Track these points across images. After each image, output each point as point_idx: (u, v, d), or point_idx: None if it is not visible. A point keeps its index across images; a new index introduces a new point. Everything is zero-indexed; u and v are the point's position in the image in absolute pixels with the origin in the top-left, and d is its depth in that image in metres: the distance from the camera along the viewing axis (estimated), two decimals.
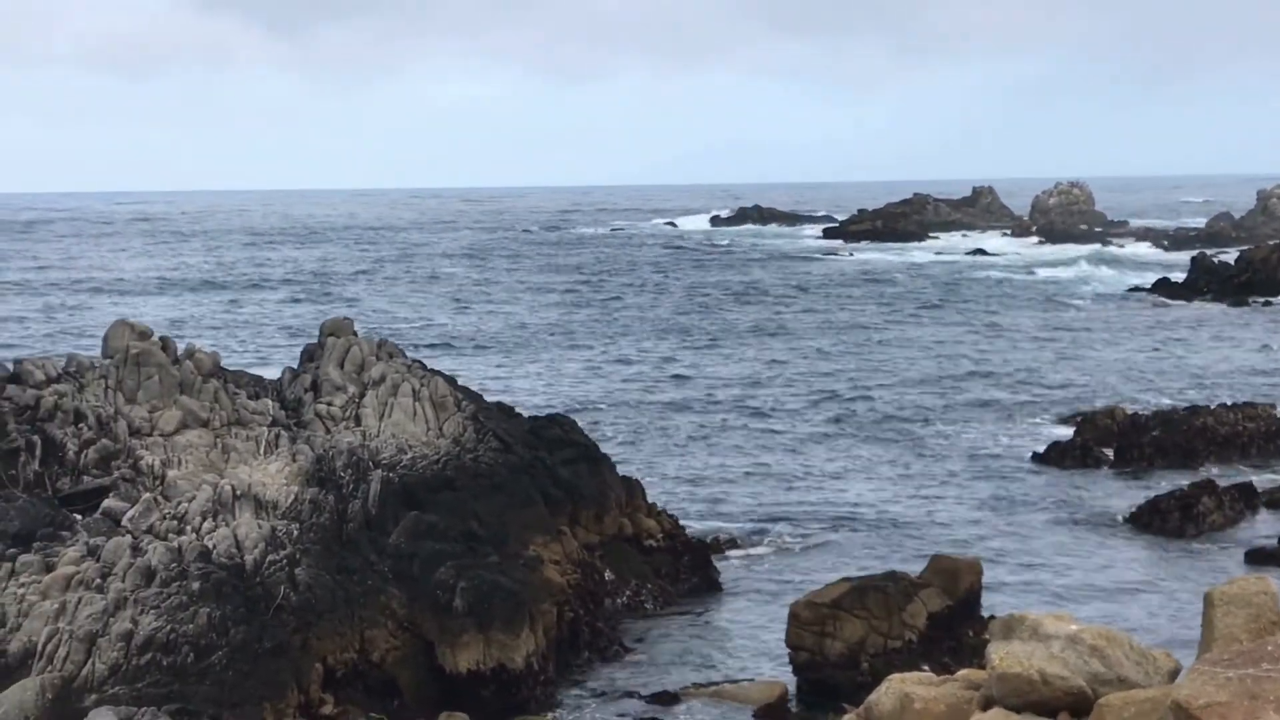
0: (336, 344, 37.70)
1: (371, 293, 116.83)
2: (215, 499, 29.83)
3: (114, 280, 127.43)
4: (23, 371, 33.45)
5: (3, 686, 23.71)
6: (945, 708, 11.55)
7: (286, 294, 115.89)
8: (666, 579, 37.30)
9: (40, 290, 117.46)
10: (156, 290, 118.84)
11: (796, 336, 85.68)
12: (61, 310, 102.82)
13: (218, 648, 25.48)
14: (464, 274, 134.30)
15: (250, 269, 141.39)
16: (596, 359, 77.26)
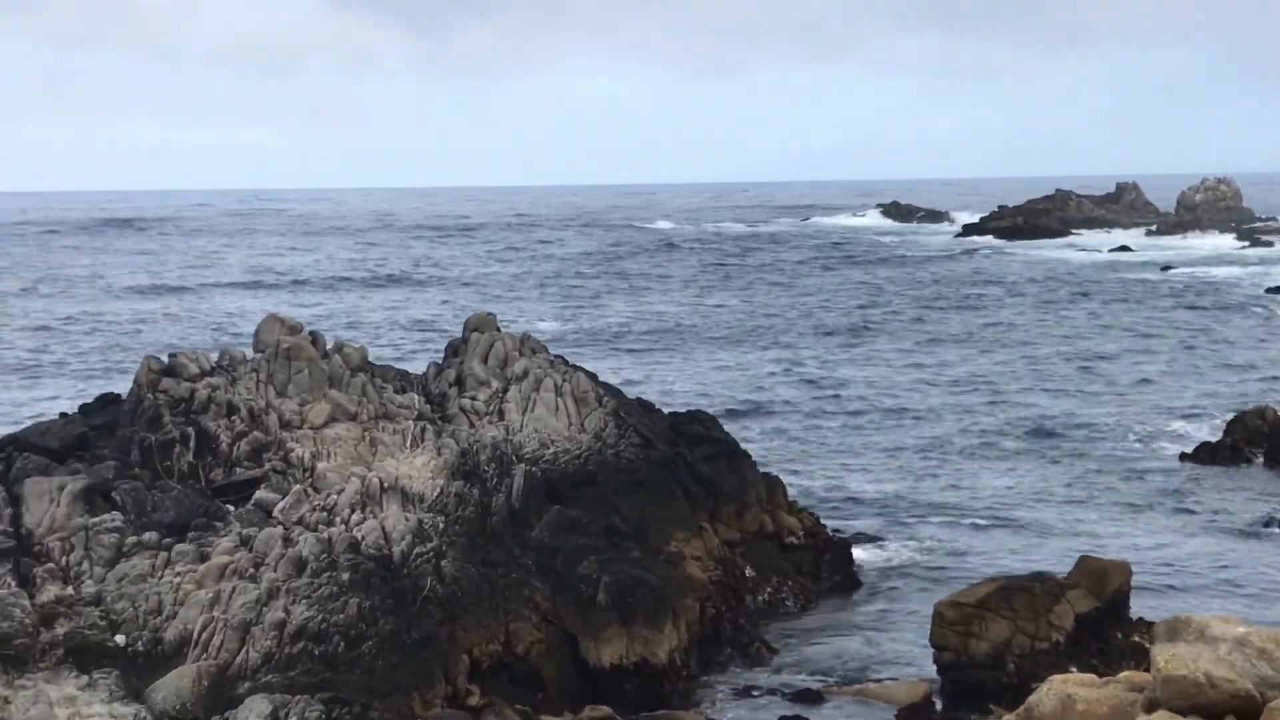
0: (480, 339, 38.04)
1: (517, 289, 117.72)
2: (363, 491, 30.26)
3: (263, 276, 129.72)
4: (177, 365, 34.16)
5: (160, 673, 24.24)
6: (1108, 710, 11.39)
7: (433, 290, 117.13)
8: (808, 576, 37.18)
9: (191, 287, 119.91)
10: (303, 286, 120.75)
11: (938, 336, 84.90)
12: (210, 307, 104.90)
13: (367, 638, 25.86)
14: (606, 272, 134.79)
15: (395, 265, 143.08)
16: (741, 357, 77.19)
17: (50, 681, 22.94)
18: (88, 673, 23.60)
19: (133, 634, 25.34)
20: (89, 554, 27.05)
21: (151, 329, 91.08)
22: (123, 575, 26.55)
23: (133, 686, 23.61)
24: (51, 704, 21.66)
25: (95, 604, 25.82)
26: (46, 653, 24.09)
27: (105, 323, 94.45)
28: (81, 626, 25.00)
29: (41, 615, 25.01)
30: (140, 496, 29.14)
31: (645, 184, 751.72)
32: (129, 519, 28.15)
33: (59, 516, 27.71)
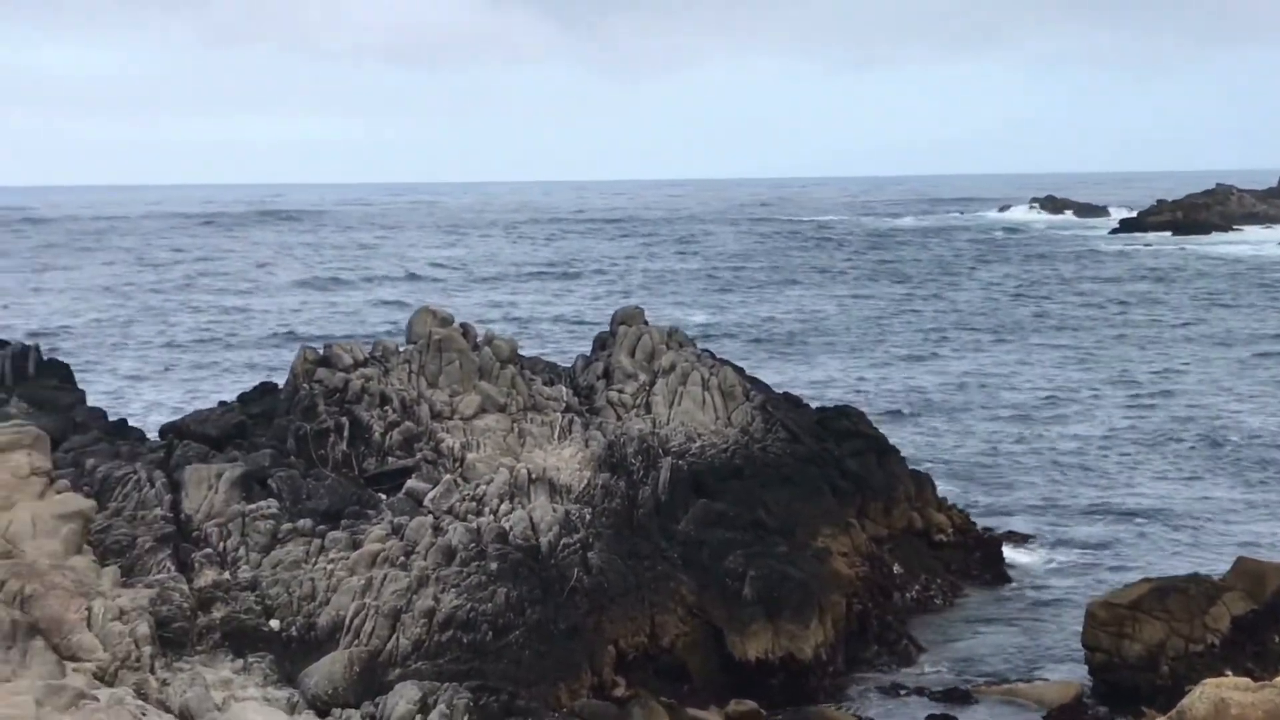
0: (628, 332, 38.20)
1: (667, 282, 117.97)
2: (512, 482, 30.55)
3: (416, 269, 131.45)
4: (332, 355, 34.76)
5: (312, 659, 24.67)
6: (1262, 714, 11.14)
7: (583, 283, 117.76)
8: (956, 574, 36.83)
9: (347, 279, 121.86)
10: (455, 278, 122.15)
11: (1102, 333, 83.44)
12: (364, 298, 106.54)
13: (515, 627, 26.09)
14: (755, 266, 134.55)
15: (545, 257, 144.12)
16: (892, 352, 76.64)
17: (207, 664, 23.46)
18: (243, 656, 24.10)
19: (286, 619, 25.83)
20: (245, 540, 27.62)
21: (307, 320, 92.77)
22: (277, 561, 27.07)
23: (286, 671, 24.06)
24: (208, 686, 22.14)
25: (251, 589, 26.37)
26: (204, 636, 24.64)
27: (263, 313, 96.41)
28: (237, 611, 25.54)
29: (199, 599, 25.60)
30: (295, 484, 29.70)
31: (794, 177, 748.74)
32: (284, 506, 28.70)
33: (217, 503, 28.34)
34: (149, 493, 28.59)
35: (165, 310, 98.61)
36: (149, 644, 22.41)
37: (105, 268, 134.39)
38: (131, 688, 21.42)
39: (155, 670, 22.25)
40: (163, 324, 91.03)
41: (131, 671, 21.89)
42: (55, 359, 36.80)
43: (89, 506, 25.19)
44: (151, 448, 31.78)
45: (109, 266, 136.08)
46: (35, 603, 22.00)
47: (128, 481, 28.93)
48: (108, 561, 25.34)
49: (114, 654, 21.87)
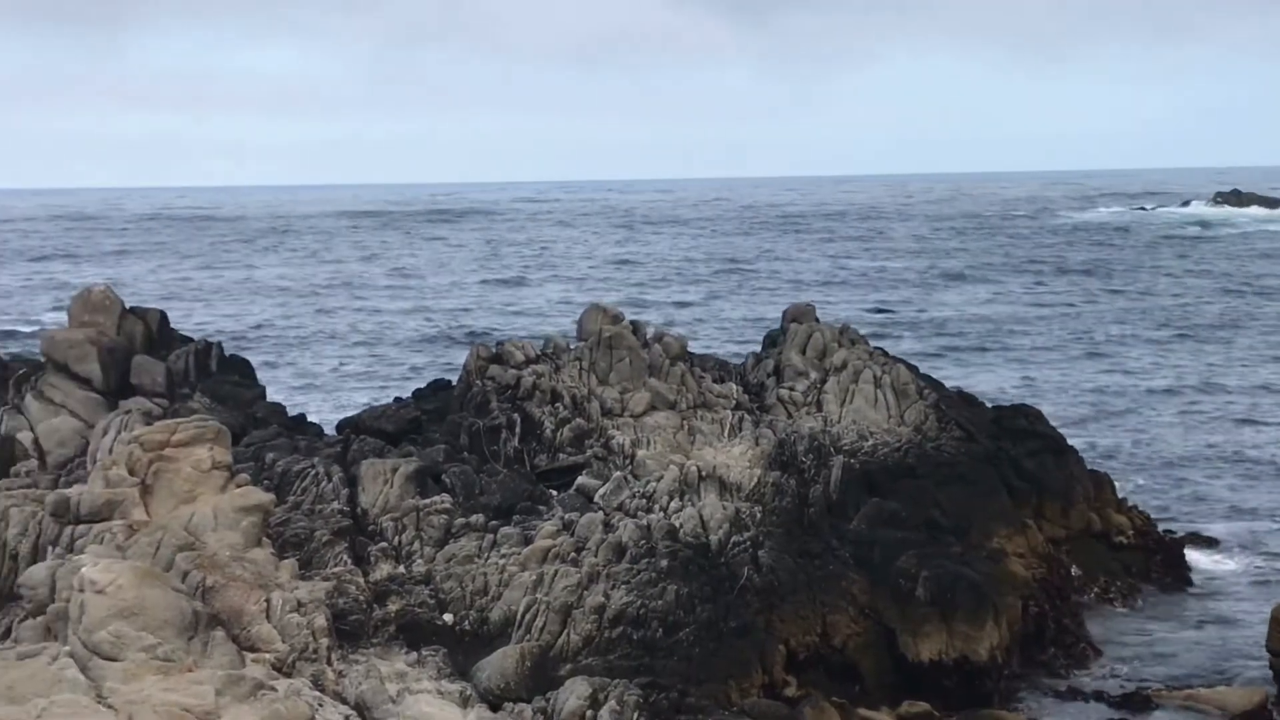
0: (799, 330, 37.97)
1: (844, 279, 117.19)
2: (682, 479, 30.51)
3: (590, 266, 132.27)
4: (504, 353, 35.07)
5: (485, 652, 24.87)
6: None
7: (759, 279, 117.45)
8: (1137, 577, 35.98)
9: (524, 277, 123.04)
10: (630, 275, 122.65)
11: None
12: (539, 295, 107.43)
13: (685, 624, 26.04)
14: (932, 261, 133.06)
15: (724, 254, 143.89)
16: (1074, 352, 75.23)
17: (382, 657, 23.77)
18: (417, 649, 24.37)
19: (460, 613, 26.09)
20: (420, 534, 27.96)
21: (484, 317, 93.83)
22: (451, 556, 27.36)
23: (459, 664, 24.28)
24: (382, 679, 22.43)
25: (425, 583, 26.67)
26: (379, 629, 24.98)
27: (440, 310, 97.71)
28: (412, 604, 25.86)
29: (375, 592, 25.96)
30: (468, 479, 30.01)
31: (973, 173, 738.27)
32: (457, 501, 29.00)
33: (392, 497, 28.73)
34: (326, 487, 29.10)
35: (344, 307, 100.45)
36: (326, 636, 22.76)
37: (287, 266, 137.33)
38: (309, 679, 21.77)
39: (332, 662, 22.60)
40: (341, 321, 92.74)
41: (309, 663, 22.25)
42: (236, 355, 37.61)
43: (268, 500, 25.67)
44: (329, 443, 32.35)
45: (291, 265, 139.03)
46: (216, 594, 22.47)
47: (306, 476, 29.48)
48: (286, 554, 25.81)
49: (292, 645, 22.25)
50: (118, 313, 35.15)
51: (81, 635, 20.24)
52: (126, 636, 20.15)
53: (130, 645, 20.10)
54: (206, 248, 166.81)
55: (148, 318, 35.92)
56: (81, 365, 33.46)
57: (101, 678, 19.74)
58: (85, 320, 34.71)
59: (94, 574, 20.74)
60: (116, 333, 34.73)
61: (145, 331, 35.38)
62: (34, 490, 29.01)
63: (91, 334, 34.06)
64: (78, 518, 25.50)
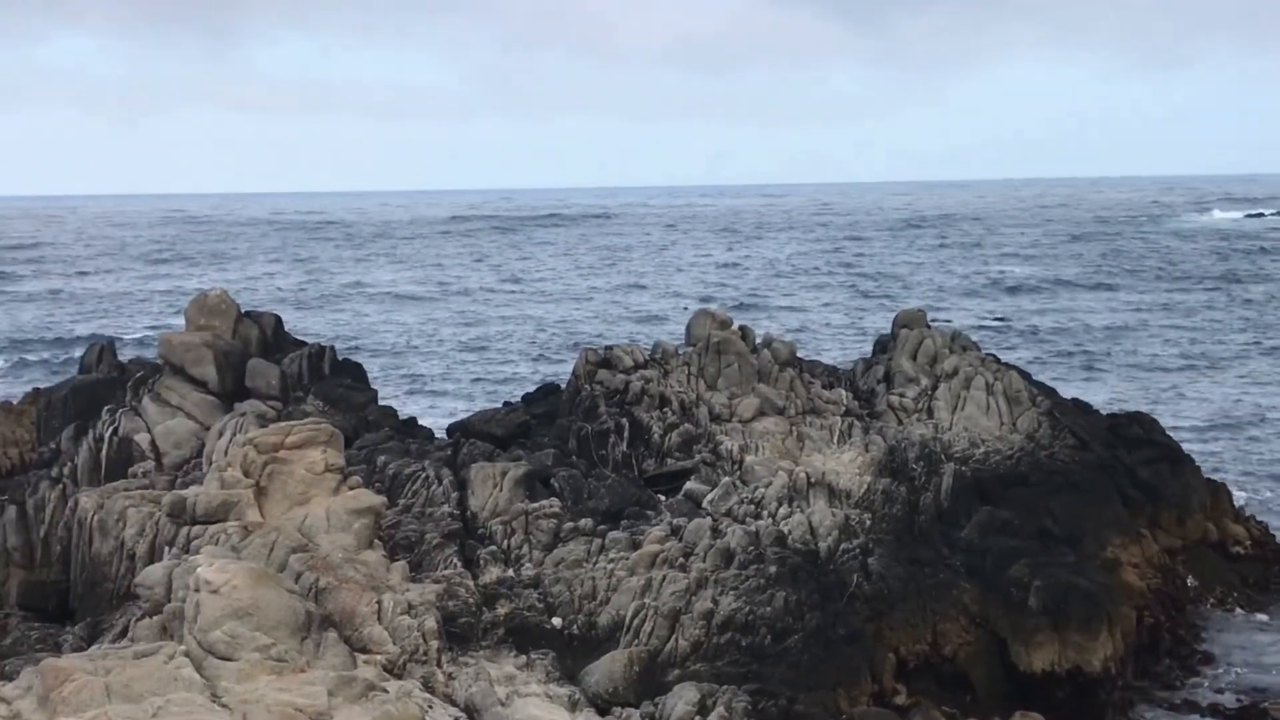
0: (909, 336, 37.67)
1: (956, 285, 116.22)
2: (790, 485, 30.38)
3: (700, 270, 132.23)
4: (613, 357, 35.13)
5: (593, 657, 24.91)
6: None
7: (869, 285, 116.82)
8: (1255, 588, 35.31)
9: (633, 281, 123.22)
10: (741, 279, 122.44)
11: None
12: (646, 299, 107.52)
13: (793, 631, 25.91)
14: (1049, 267, 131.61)
15: (826, 260, 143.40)
16: (1194, 361, 74.03)
17: (491, 660, 23.87)
18: (526, 653, 24.45)
19: (568, 617, 26.16)
20: (529, 538, 28.07)
21: (591, 321, 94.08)
22: (560, 560, 27.44)
23: (567, 668, 24.33)
24: (492, 682, 22.53)
25: (534, 586, 26.76)
26: (488, 632, 25.10)
27: (551, 314, 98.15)
28: (521, 608, 25.95)
29: (484, 595, 26.09)
30: (577, 484, 30.09)
31: (1091, 176, 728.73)
32: (566, 505, 29.09)
33: (501, 501, 28.87)
34: (437, 490, 29.31)
35: (455, 312, 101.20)
36: (436, 638, 22.91)
37: (399, 271, 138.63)
38: (419, 681, 21.92)
39: (442, 664, 22.73)
40: (451, 325, 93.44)
41: (419, 665, 22.41)
42: (349, 359, 38.02)
43: (380, 503, 25.90)
44: (439, 446, 32.58)
45: (403, 269, 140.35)
46: (329, 595, 22.70)
47: (417, 479, 29.71)
48: (397, 556, 26.02)
49: (403, 647, 22.42)
50: (234, 317, 35.65)
51: (197, 635, 20.52)
52: (241, 636, 20.40)
53: (244, 645, 20.35)
54: (320, 252, 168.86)
55: (262, 321, 36.40)
56: (198, 368, 33.97)
57: (216, 677, 19.99)
58: (202, 324, 35.24)
59: (209, 574, 21.01)
60: (232, 336, 35.23)
61: (260, 335, 35.85)
62: (151, 491, 29.49)
63: (208, 337, 34.56)
64: (194, 518, 25.89)
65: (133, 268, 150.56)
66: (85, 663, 19.88)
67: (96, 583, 28.07)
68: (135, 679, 19.55)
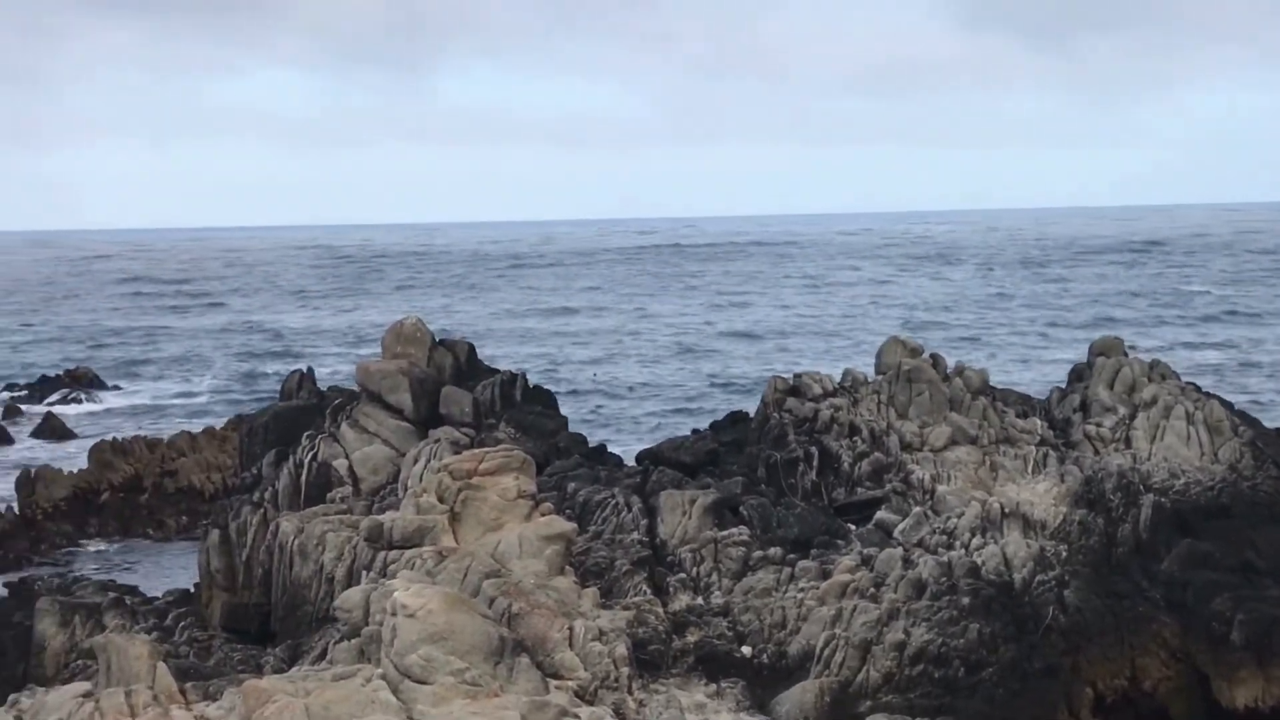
0: (1106, 364, 36.93)
1: (1146, 311, 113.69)
2: (984, 516, 29.97)
3: (885, 299, 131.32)
4: (802, 385, 35.01)
5: (783, 686, 24.84)
6: None
7: (1060, 313, 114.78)
8: None
9: (826, 313, 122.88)
10: (920, 308, 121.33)
11: None
12: (834, 327, 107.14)
13: (987, 664, 25.54)
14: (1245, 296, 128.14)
15: (1020, 289, 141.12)
16: None
17: (681, 688, 23.95)
18: (716, 681, 24.47)
19: (758, 646, 26.10)
20: (718, 566, 28.09)
21: (778, 350, 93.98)
22: (749, 588, 27.40)
23: (757, 698, 24.29)
24: (682, 710, 22.60)
25: (723, 615, 26.77)
26: (678, 659, 25.17)
27: (741, 343, 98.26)
28: (710, 636, 25.97)
29: (674, 623, 26.17)
30: (766, 512, 30.03)
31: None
32: (755, 534, 29.04)
33: (690, 528, 28.94)
34: (626, 517, 29.48)
35: (649, 338, 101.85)
36: (626, 665, 23.02)
37: (592, 297, 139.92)
38: (610, 707, 22.04)
39: (633, 691, 22.84)
40: (634, 353, 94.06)
41: (610, 691, 22.54)
42: (540, 386, 38.42)
43: (571, 529, 26.13)
44: (629, 473, 32.75)
45: (596, 296, 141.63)
46: (521, 620, 22.95)
47: (606, 506, 29.92)
48: (588, 583, 26.21)
49: (594, 673, 22.57)
50: (428, 344, 36.28)
51: (393, 658, 20.90)
52: (436, 660, 20.73)
53: (440, 669, 20.67)
54: (510, 281, 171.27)
55: (456, 349, 36.99)
56: (394, 395, 34.62)
57: (412, 700, 20.34)
58: (398, 351, 35.93)
59: (406, 598, 21.40)
60: (427, 364, 35.85)
61: (454, 362, 36.44)
62: (349, 516, 30.13)
63: (403, 365, 35.22)
64: (390, 543, 26.40)
65: (328, 298, 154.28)
66: (286, 684, 20.38)
67: (297, 605, 28.77)
68: (334, 701, 19.98)
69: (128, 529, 49.80)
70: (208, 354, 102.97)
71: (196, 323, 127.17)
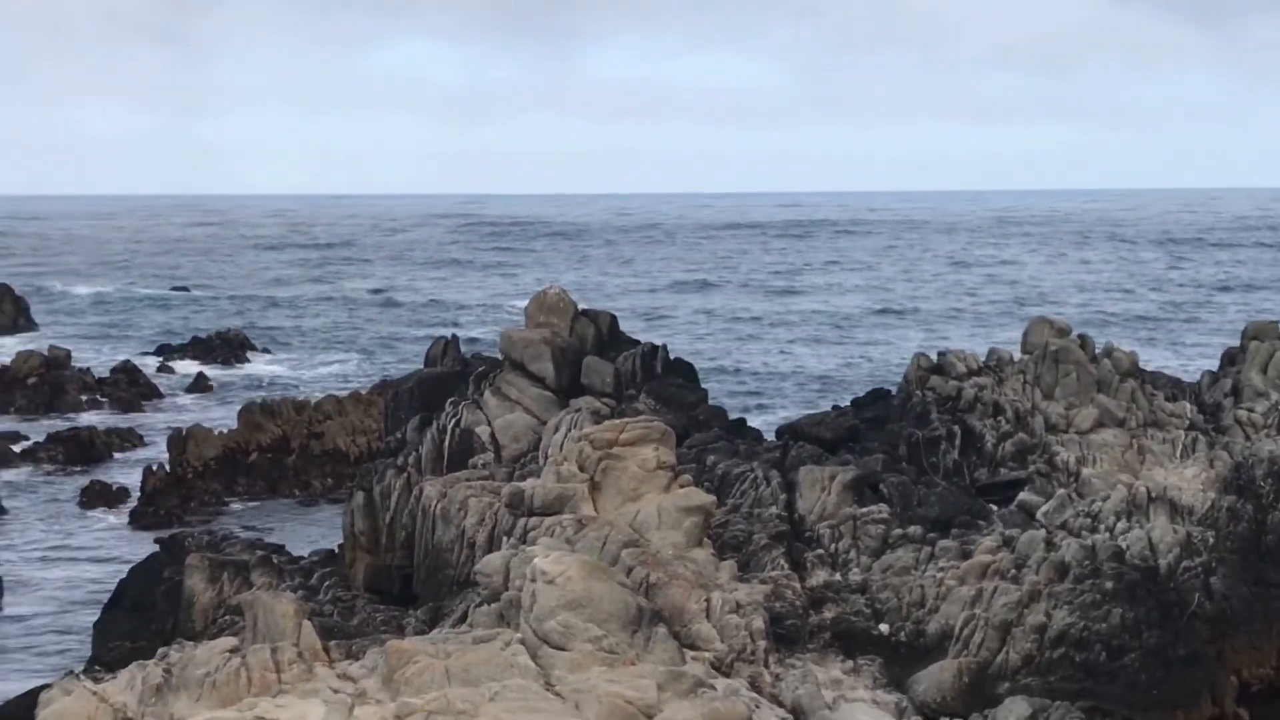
0: (1259, 348, 36.11)
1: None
2: (1129, 500, 29.49)
3: (1020, 279, 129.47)
4: (946, 363, 34.68)
5: (921, 665, 24.67)
6: None
7: (1222, 295, 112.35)
8: None
9: (972, 292, 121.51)
10: (1074, 290, 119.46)
11: None
12: (974, 305, 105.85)
13: (1130, 649, 25.16)
14: None
15: (1190, 272, 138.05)
16: None
17: (818, 663, 23.89)
18: (852, 658, 24.38)
19: (895, 624, 25.95)
20: (856, 543, 27.96)
21: (923, 328, 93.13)
22: (888, 566, 27.24)
23: (894, 675, 24.16)
24: (819, 685, 22.55)
25: (861, 592, 26.65)
26: (814, 635, 25.11)
27: (890, 319, 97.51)
28: (848, 612, 25.87)
29: (811, 598, 26.10)
30: (906, 490, 29.81)
31: None
32: (895, 512, 28.85)
33: (829, 505, 28.82)
34: (765, 491, 29.44)
35: (782, 313, 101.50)
36: (763, 638, 23.03)
37: (736, 273, 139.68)
38: (746, 680, 22.07)
39: (769, 664, 22.84)
40: (777, 326, 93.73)
41: (746, 664, 22.56)
42: (680, 359, 38.46)
43: (710, 501, 26.15)
44: (768, 448, 32.70)
45: (739, 272, 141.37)
46: (659, 591, 23.04)
47: (745, 479, 29.90)
48: (725, 555, 26.23)
49: (730, 646, 22.60)
50: (571, 314, 36.47)
51: (532, 623, 21.10)
52: (574, 627, 20.89)
53: (577, 635, 20.82)
54: (647, 252, 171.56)
55: (599, 320, 37.14)
56: (536, 364, 34.87)
57: (550, 665, 20.52)
58: (541, 321, 36.17)
59: (545, 565, 21.58)
60: (569, 333, 36.05)
61: (596, 333, 36.60)
62: (491, 482, 30.44)
63: (546, 334, 35.45)
64: (531, 510, 26.63)
65: (472, 264, 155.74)
66: (427, 645, 20.67)
67: (438, 569, 29.15)
68: (474, 664, 20.22)
69: (274, 489, 50.79)
70: (354, 320, 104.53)
71: (344, 288, 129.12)
